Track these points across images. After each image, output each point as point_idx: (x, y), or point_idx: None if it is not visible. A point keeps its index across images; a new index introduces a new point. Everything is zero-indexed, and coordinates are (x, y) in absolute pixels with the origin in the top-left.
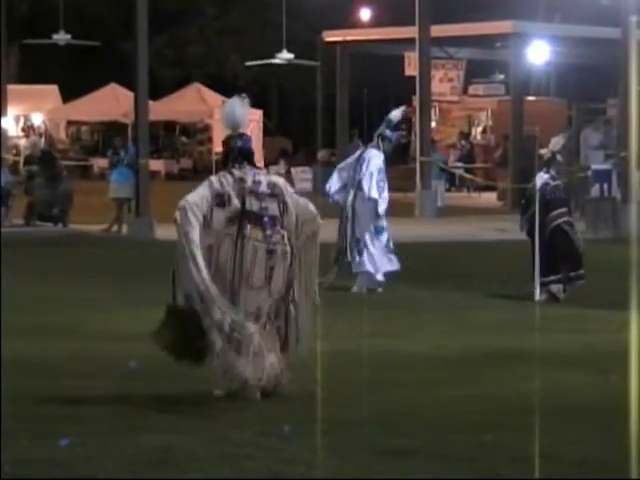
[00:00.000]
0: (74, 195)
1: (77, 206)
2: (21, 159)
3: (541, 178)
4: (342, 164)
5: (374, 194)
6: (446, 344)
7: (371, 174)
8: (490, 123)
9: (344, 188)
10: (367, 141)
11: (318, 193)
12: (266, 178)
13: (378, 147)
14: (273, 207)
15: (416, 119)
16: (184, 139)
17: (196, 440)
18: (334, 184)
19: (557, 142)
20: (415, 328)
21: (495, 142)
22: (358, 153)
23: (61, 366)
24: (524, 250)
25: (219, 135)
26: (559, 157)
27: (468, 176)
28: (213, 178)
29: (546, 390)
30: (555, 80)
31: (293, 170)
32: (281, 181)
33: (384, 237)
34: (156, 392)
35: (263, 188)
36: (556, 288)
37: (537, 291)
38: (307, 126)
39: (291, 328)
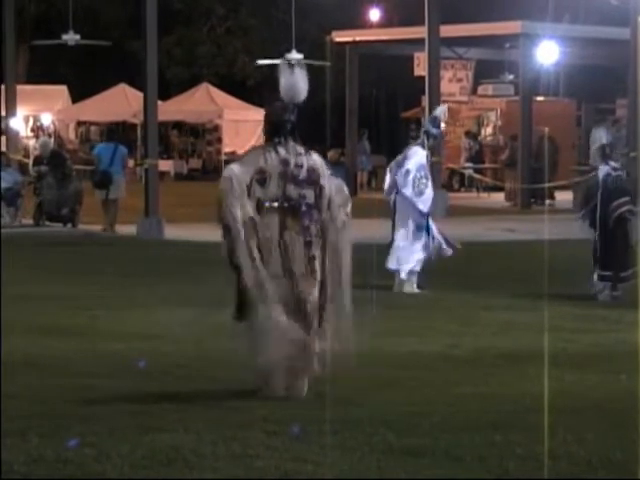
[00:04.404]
0: (83, 195)
1: (86, 206)
2: (30, 159)
3: (602, 170)
4: (392, 163)
5: (406, 191)
6: (456, 344)
7: (407, 171)
8: (499, 123)
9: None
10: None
11: None
12: (307, 161)
13: (423, 145)
14: (310, 194)
15: (425, 119)
16: (193, 139)
17: (205, 439)
18: (386, 184)
19: (604, 133)
20: (426, 327)
21: (504, 142)
22: (404, 151)
23: (70, 365)
24: (533, 250)
25: (228, 135)
26: (607, 149)
27: (477, 176)
28: (258, 152)
29: (555, 390)
30: (564, 80)
31: None
32: (319, 163)
33: (422, 237)
34: (165, 391)
35: (303, 174)
36: (601, 285)
37: (595, 281)
38: (316, 126)
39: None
